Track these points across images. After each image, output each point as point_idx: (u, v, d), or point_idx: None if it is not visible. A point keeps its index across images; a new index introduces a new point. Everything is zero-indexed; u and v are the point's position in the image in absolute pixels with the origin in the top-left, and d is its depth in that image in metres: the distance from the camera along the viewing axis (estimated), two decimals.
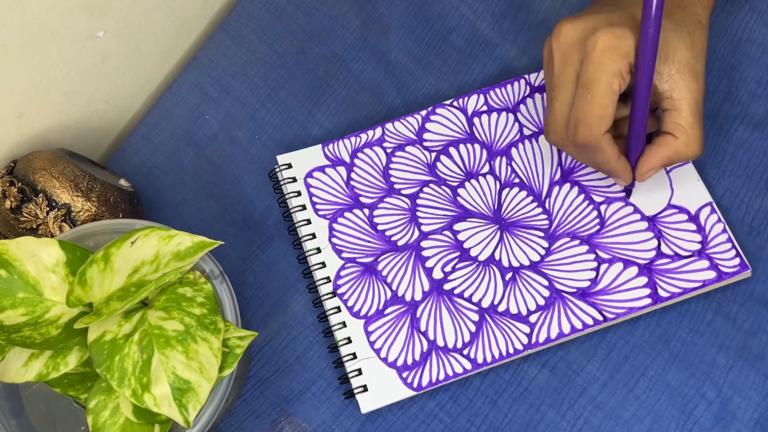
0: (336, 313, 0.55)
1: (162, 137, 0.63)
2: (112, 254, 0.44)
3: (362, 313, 0.55)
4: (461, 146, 0.59)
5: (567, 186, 0.57)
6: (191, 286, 0.46)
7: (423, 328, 0.54)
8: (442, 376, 0.53)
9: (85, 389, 0.47)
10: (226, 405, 0.50)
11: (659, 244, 0.55)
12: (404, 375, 0.53)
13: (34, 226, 0.53)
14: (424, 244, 0.56)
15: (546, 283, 0.55)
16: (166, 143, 0.63)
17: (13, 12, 0.51)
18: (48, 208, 0.53)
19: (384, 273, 0.56)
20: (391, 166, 0.59)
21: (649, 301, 0.53)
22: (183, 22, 0.66)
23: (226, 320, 0.48)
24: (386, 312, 0.55)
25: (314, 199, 0.58)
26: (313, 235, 0.57)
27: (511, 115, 0.60)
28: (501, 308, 0.54)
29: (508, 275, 0.55)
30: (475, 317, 0.54)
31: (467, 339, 0.54)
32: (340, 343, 0.54)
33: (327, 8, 0.66)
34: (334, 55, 0.65)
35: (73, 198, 0.53)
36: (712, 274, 0.54)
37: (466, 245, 0.56)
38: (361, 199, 0.58)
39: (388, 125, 0.60)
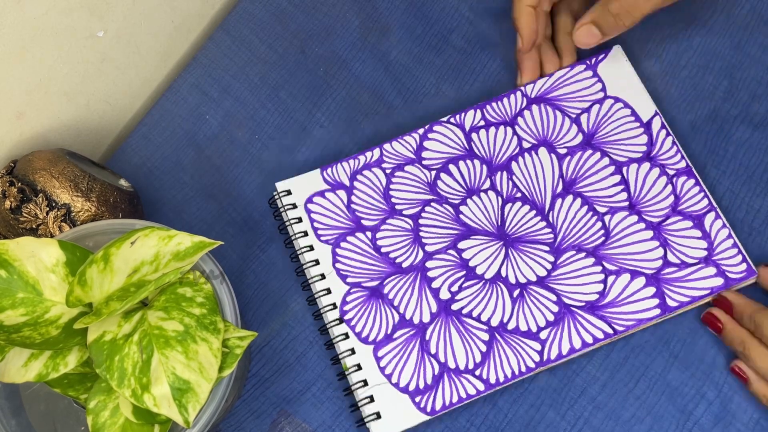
0: (344, 339, 0.54)
1: (162, 137, 0.63)
2: (111, 254, 0.44)
3: (371, 338, 0.54)
4: (461, 163, 0.58)
5: (570, 198, 0.56)
6: (191, 286, 0.46)
7: (433, 351, 0.53)
8: (455, 399, 0.52)
9: (85, 389, 0.47)
10: (226, 405, 0.50)
11: (665, 253, 0.54)
12: (417, 399, 0.52)
13: (33, 226, 0.53)
14: (429, 264, 0.55)
15: (554, 298, 0.54)
16: (166, 143, 0.63)
17: (12, 12, 0.51)
18: (48, 208, 0.53)
19: (390, 296, 0.55)
20: (392, 186, 0.58)
21: (657, 311, 0.53)
22: (183, 22, 0.66)
23: (226, 320, 0.48)
24: (395, 336, 0.54)
25: (316, 224, 0.57)
26: (317, 262, 0.56)
27: (509, 129, 0.59)
28: (510, 326, 0.53)
29: (516, 292, 0.54)
30: (485, 336, 0.53)
31: (478, 359, 0.53)
32: (350, 371, 0.53)
33: (327, 8, 0.66)
34: (334, 55, 0.64)
35: (73, 198, 0.53)
36: (719, 281, 0.53)
37: (471, 263, 0.55)
38: (363, 221, 0.57)
39: (386, 145, 0.59)
